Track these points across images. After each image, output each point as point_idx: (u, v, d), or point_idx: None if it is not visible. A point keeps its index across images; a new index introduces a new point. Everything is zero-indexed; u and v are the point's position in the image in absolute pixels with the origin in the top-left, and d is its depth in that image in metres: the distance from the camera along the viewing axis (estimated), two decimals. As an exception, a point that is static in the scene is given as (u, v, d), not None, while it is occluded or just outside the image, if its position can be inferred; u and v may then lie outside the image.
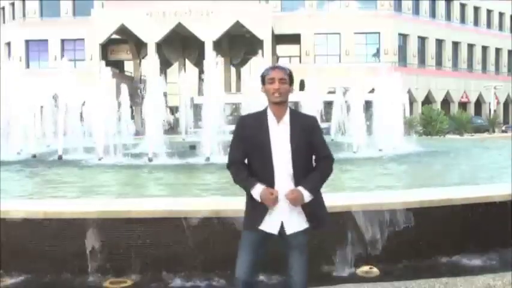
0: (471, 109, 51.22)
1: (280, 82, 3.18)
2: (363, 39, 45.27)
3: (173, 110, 43.28)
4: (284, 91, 3.19)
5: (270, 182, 3.17)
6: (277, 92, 3.17)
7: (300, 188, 3.16)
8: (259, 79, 3.34)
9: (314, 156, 3.30)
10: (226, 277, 4.54)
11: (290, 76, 3.24)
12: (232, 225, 4.65)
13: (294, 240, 3.25)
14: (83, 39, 44.13)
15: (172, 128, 25.53)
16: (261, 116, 3.26)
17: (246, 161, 3.29)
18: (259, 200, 3.16)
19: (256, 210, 3.21)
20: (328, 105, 21.94)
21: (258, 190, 3.15)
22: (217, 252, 4.70)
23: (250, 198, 3.26)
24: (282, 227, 3.23)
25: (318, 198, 3.30)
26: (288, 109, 3.26)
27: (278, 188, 3.16)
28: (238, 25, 38.28)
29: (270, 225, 3.22)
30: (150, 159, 12.46)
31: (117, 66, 47.46)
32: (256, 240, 3.25)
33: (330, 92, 26.38)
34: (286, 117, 3.22)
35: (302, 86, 28.98)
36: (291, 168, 3.19)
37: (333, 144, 15.44)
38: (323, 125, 16.34)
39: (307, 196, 3.17)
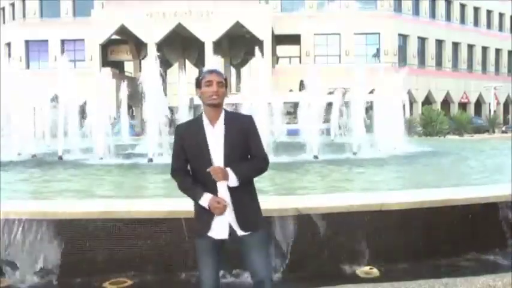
0: (471, 109, 51.24)
1: (218, 85, 3.20)
2: (363, 40, 45.28)
3: (173, 110, 43.26)
4: (221, 94, 3.21)
5: (212, 186, 3.17)
6: (215, 94, 3.18)
7: (228, 168, 3.14)
8: (258, 79, 3.34)
9: (250, 156, 3.29)
10: (227, 277, 4.54)
11: (225, 80, 3.27)
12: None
13: (249, 239, 3.23)
14: (83, 39, 44.13)
15: (171, 129, 25.51)
16: (197, 122, 3.28)
17: (188, 167, 3.30)
18: (208, 208, 3.17)
19: (203, 216, 3.22)
20: (328, 105, 21.87)
21: (206, 199, 3.16)
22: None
23: (197, 205, 3.26)
24: (232, 229, 3.22)
25: (251, 202, 3.29)
26: (223, 111, 3.26)
27: (220, 192, 3.17)
28: (238, 25, 38.28)
29: (218, 231, 3.22)
30: (150, 160, 12.46)
31: (117, 66, 47.46)
32: (211, 247, 3.24)
33: (330, 93, 26.31)
34: (221, 120, 3.23)
35: (302, 87, 28.97)
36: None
37: (333, 145, 15.47)
38: (323, 126, 16.43)
39: (233, 179, 3.14)
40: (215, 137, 3.20)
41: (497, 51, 56.58)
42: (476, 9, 54.45)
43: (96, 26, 39.32)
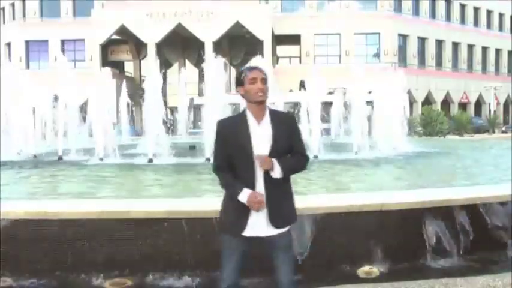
0: (471, 110, 51.24)
1: (262, 82, 3.19)
2: (363, 40, 45.30)
3: (173, 110, 43.29)
4: (266, 90, 3.20)
5: (251, 183, 3.16)
6: (261, 91, 3.17)
7: (274, 159, 3.13)
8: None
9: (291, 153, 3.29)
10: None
11: (266, 76, 3.25)
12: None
13: (280, 241, 3.22)
14: (83, 39, 44.14)
15: (172, 129, 25.52)
16: (240, 118, 3.25)
17: (229, 163, 3.26)
18: (246, 204, 3.14)
19: (239, 214, 3.18)
20: (328, 105, 21.87)
21: (245, 194, 3.13)
22: (217, 253, 4.70)
23: (231, 202, 3.22)
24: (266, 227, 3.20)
25: (286, 200, 3.27)
26: (267, 109, 3.26)
27: (258, 189, 3.16)
28: (238, 26, 38.29)
29: (254, 228, 3.19)
30: (150, 160, 12.46)
31: (117, 66, 47.46)
32: (240, 246, 3.23)
33: (330, 93, 26.32)
34: (267, 117, 3.22)
35: (302, 87, 28.96)
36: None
37: (333, 145, 15.46)
38: (324, 126, 16.44)
39: (278, 170, 3.13)
40: (260, 134, 3.18)
41: (497, 51, 56.59)
42: (476, 9, 54.45)
43: (96, 26, 39.33)
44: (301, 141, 3.33)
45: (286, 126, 3.23)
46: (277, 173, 3.13)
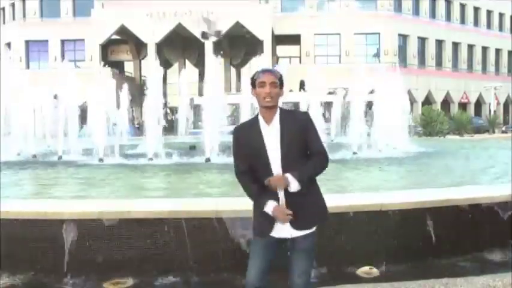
0: (471, 110, 51.22)
1: (271, 86, 3.15)
2: (363, 40, 45.29)
3: (173, 110, 43.30)
4: (275, 95, 3.16)
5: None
6: (268, 96, 3.14)
7: (288, 174, 3.10)
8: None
9: (309, 151, 3.25)
10: (226, 277, 4.54)
11: (280, 79, 3.20)
12: (232, 226, 4.66)
13: (303, 242, 3.20)
14: (83, 39, 44.10)
15: (172, 129, 25.51)
16: (253, 122, 3.25)
17: (249, 169, 3.26)
18: (272, 215, 3.14)
19: (266, 217, 3.18)
20: (328, 105, 21.95)
21: (269, 207, 3.14)
22: (217, 253, 4.71)
23: (257, 206, 3.23)
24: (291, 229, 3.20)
25: (309, 201, 3.24)
26: (278, 110, 3.22)
27: (280, 193, 3.15)
28: (238, 26, 38.28)
29: (281, 230, 3.19)
30: (150, 160, 12.47)
31: (117, 66, 47.46)
32: (268, 247, 3.23)
33: (330, 93, 26.35)
34: (276, 120, 3.19)
35: (302, 87, 28.99)
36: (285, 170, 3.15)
37: (333, 145, 15.46)
38: (324, 126, 16.44)
39: (294, 185, 3.10)
40: (272, 137, 3.16)
41: (497, 51, 56.58)
42: (476, 9, 54.44)
43: (96, 26, 39.33)
44: (319, 138, 3.27)
45: (297, 124, 3.19)
46: (294, 187, 3.10)
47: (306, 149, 3.22)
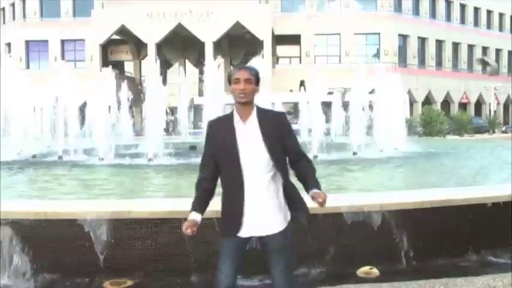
0: (471, 110, 51.20)
1: (246, 82, 3.17)
2: (363, 40, 45.28)
3: (173, 110, 43.29)
4: (249, 91, 3.18)
5: (239, 183, 3.15)
6: (242, 92, 3.16)
7: (317, 190, 3.13)
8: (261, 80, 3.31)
9: (288, 155, 3.26)
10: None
11: (256, 76, 3.22)
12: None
13: (273, 242, 3.20)
14: (83, 39, 44.09)
15: (172, 129, 25.51)
16: (227, 118, 3.26)
17: (214, 172, 3.28)
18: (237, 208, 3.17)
19: (232, 216, 3.20)
20: (328, 106, 21.90)
21: (190, 217, 3.21)
22: (218, 253, 4.70)
23: (226, 205, 3.25)
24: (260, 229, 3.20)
25: (280, 201, 3.24)
26: (255, 108, 3.24)
27: (248, 189, 3.14)
28: (238, 26, 38.27)
29: (247, 229, 3.19)
30: (150, 160, 12.47)
31: (117, 66, 47.45)
32: (236, 247, 3.22)
33: (329, 93, 26.35)
34: (253, 116, 3.20)
35: (302, 87, 28.99)
36: (261, 167, 3.14)
37: (333, 145, 15.46)
38: (323, 126, 16.43)
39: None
40: (246, 134, 3.17)
41: (498, 52, 56.57)
42: (476, 9, 54.42)
43: (96, 26, 39.29)
44: (297, 141, 3.30)
45: (275, 125, 3.20)
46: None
47: (283, 148, 3.22)
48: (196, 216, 3.21)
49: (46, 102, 16.97)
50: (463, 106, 50.82)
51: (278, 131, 3.19)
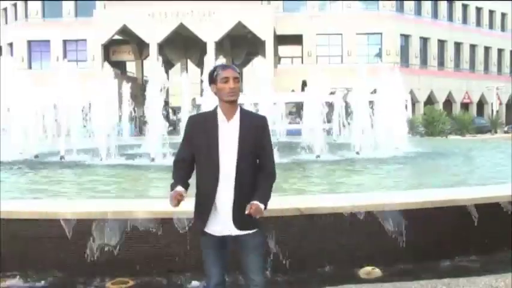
0: (473, 110, 51.17)
1: (235, 81, 3.19)
2: (365, 40, 45.28)
3: (175, 110, 43.34)
4: (237, 90, 3.21)
5: (214, 180, 3.16)
6: (232, 90, 3.17)
7: (257, 202, 3.12)
8: (260, 79, 3.32)
9: (260, 162, 3.27)
10: (227, 278, 4.53)
11: (240, 75, 3.26)
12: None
13: (250, 240, 3.22)
14: (85, 39, 44.17)
15: (174, 129, 25.54)
16: (210, 115, 3.27)
17: (191, 159, 3.29)
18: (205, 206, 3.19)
19: (199, 213, 3.26)
20: (330, 105, 21.89)
21: (175, 189, 3.17)
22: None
23: (195, 203, 3.28)
24: (229, 228, 3.20)
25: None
26: (239, 108, 3.26)
27: (221, 187, 3.16)
28: (240, 26, 38.28)
29: (214, 228, 3.21)
30: (152, 160, 12.48)
31: (119, 66, 47.52)
32: (212, 244, 3.25)
33: (331, 93, 26.31)
34: (237, 116, 3.22)
35: (304, 87, 28.98)
36: (235, 166, 3.16)
37: (335, 145, 15.45)
38: (325, 126, 16.42)
39: (263, 209, 3.15)
40: (228, 132, 3.18)
41: (500, 52, 56.52)
42: (478, 9, 54.38)
43: (98, 26, 39.34)
44: (271, 150, 3.32)
45: (255, 128, 3.23)
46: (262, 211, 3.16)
47: (257, 152, 3.24)
48: (180, 189, 3.19)
49: (48, 102, 16.99)
50: (465, 106, 50.78)
51: (256, 133, 3.22)
